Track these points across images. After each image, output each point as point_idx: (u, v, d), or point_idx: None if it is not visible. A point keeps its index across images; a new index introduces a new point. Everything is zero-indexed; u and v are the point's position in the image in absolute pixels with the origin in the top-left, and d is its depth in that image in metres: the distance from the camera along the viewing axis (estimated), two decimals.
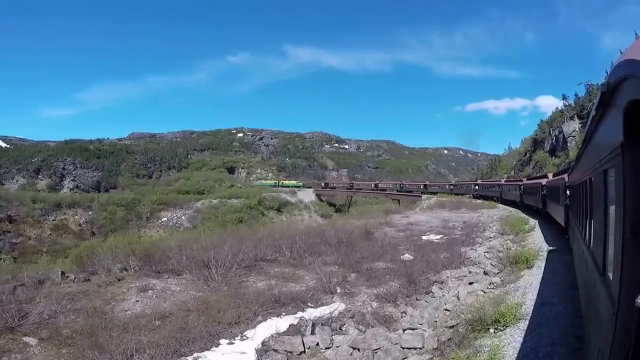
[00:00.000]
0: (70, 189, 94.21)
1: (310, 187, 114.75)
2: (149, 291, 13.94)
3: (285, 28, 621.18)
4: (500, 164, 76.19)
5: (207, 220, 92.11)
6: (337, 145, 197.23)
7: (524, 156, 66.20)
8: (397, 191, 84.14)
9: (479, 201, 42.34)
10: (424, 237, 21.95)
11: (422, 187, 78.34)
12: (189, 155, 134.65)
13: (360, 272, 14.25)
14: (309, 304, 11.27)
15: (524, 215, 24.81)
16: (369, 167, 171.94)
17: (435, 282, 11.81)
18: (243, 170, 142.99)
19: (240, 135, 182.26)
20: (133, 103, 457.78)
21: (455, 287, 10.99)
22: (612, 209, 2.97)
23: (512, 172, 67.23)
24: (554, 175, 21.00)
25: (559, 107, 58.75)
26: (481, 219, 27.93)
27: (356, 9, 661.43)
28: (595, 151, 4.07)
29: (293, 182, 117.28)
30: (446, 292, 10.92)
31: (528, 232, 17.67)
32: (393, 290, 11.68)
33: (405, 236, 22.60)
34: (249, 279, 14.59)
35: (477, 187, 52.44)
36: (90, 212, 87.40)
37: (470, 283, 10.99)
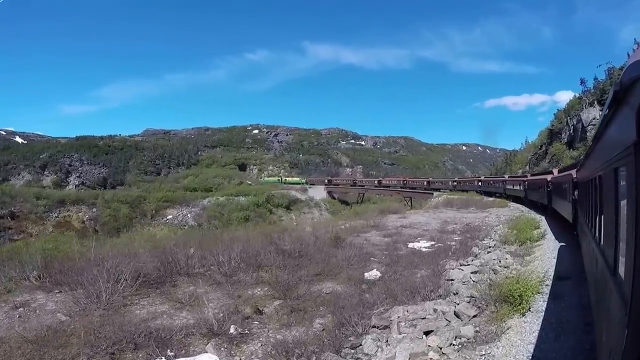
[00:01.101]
0: (76, 186, 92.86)
1: (314, 184, 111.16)
2: (20, 309, 11.01)
3: (304, 25, 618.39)
4: (515, 158, 71.01)
5: (212, 218, 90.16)
6: (353, 141, 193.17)
7: (540, 149, 60.95)
8: (401, 188, 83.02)
9: (490, 199, 38.91)
10: (410, 245, 17.59)
11: (425, 183, 75.69)
12: (199, 152, 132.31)
13: (290, 298, 10.07)
14: (169, 350, 7.25)
15: (536, 216, 20.27)
16: (384, 163, 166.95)
17: (375, 326, 7.50)
18: (255, 167, 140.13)
19: (256, 131, 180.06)
20: (151, 100, 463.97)
21: (401, 338, 6.68)
22: (623, 207, 2.94)
23: (527, 167, 62.30)
24: (559, 172, 20.69)
25: (577, 95, 52.93)
26: (488, 220, 23.33)
27: (375, 5, 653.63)
28: (607, 149, 4.01)
29: (296, 179, 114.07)
30: (383, 347, 6.62)
31: (536, 242, 13.14)
32: (307, 337, 7.46)
33: (388, 243, 18.27)
34: (141, 301, 10.79)
35: (480, 184, 51.33)
36: (94, 210, 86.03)
37: (427, 333, 6.69)
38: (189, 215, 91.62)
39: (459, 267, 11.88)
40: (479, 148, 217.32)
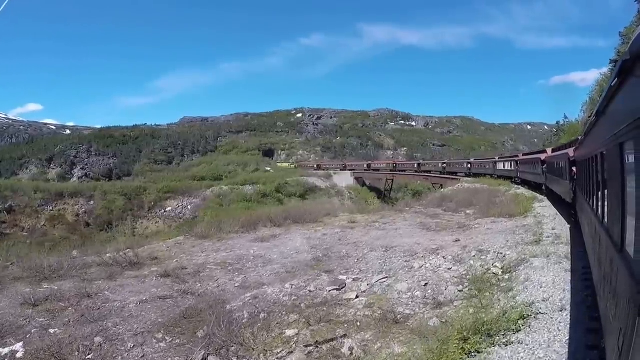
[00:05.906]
0: (79, 178, 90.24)
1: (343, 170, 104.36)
2: None
3: (360, 6, 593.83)
4: (564, 128, 53.35)
5: (210, 210, 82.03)
6: (402, 122, 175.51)
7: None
8: (390, 171, 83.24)
9: (518, 191, 25.77)
10: None
11: (416, 166, 73.06)
12: (219, 138, 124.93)
13: None
14: None
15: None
16: (434, 144, 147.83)
17: None
18: (283, 152, 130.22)
19: (299, 115, 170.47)
20: (205, 90, 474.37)
21: None
22: (630, 182, 2.91)
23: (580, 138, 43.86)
24: (553, 151, 20.60)
25: None
26: (423, 268, 9.66)
27: None
28: (612, 123, 3.93)
29: (285, 165, 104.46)
30: None
31: None
32: None
33: None
34: None
35: (469, 166, 49.94)
36: (91, 202, 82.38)
37: None
38: (189, 207, 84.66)
39: None
40: (546, 127, 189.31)
